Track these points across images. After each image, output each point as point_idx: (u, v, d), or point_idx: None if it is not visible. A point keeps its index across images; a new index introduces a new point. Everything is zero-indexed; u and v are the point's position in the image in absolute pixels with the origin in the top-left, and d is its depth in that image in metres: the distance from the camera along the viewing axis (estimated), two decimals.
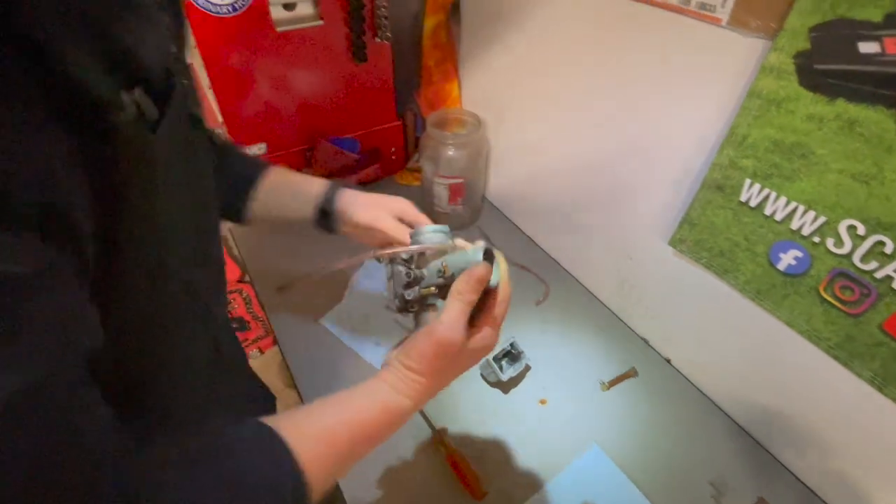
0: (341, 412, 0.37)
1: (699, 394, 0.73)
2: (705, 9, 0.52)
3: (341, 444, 0.36)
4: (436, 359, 0.39)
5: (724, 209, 0.58)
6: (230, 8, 0.78)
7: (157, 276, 0.34)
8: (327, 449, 0.35)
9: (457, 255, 0.43)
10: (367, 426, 0.37)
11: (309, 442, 0.33)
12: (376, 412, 0.38)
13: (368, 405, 0.38)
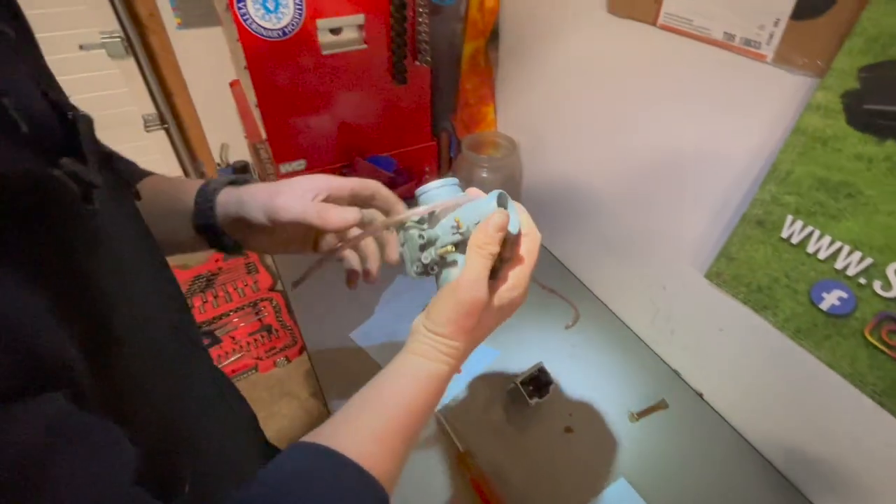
0: (385, 404, 0.36)
1: (732, 431, 0.71)
2: (750, 45, 0.52)
3: (396, 434, 0.34)
4: (462, 319, 0.37)
5: (765, 245, 0.57)
6: (280, 32, 0.82)
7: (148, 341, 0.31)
8: (387, 446, 0.33)
9: (469, 206, 0.40)
10: (414, 406, 0.36)
11: (368, 446, 0.32)
12: (419, 388, 0.36)
13: (408, 384, 0.37)
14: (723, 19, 0.53)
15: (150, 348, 0.32)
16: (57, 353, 0.20)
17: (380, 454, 0.32)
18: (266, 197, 0.42)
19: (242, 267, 2.00)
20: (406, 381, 0.36)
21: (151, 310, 0.34)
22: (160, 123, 1.97)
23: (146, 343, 0.31)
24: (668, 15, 0.59)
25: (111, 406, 0.25)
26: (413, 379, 0.37)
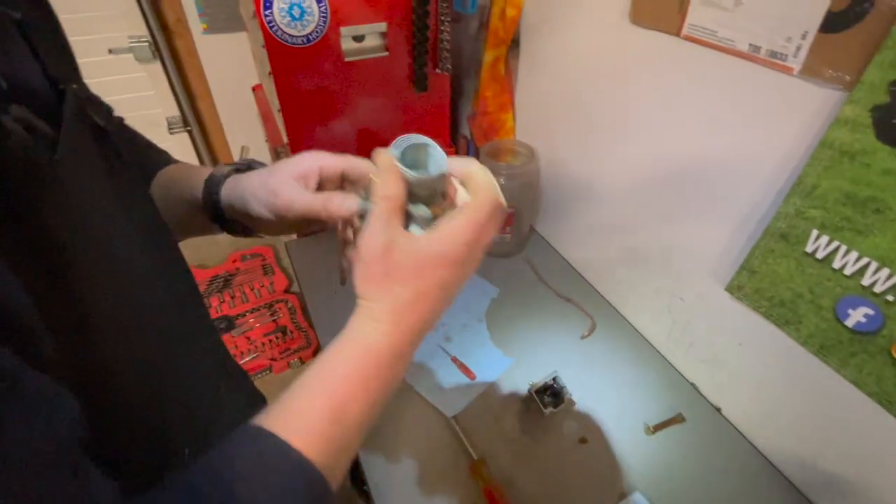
0: (321, 382, 0.32)
1: (751, 448, 0.70)
2: (776, 57, 0.51)
3: (335, 413, 0.31)
4: (365, 270, 0.34)
5: (788, 258, 0.56)
6: (305, 39, 0.83)
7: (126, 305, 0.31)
8: (325, 425, 0.30)
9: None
10: (353, 380, 0.32)
11: (303, 426, 0.30)
12: (354, 361, 0.33)
13: (343, 358, 0.33)
14: (748, 31, 0.53)
15: (133, 315, 0.32)
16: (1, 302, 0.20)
17: (314, 436, 0.30)
18: (266, 194, 0.42)
19: (259, 268, 2.03)
20: (341, 357, 0.33)
21: (140, 278, 0.34)
22: (183, 126, 2.02)
23: (127, 309, 0.31)
24: (693, 26, 0.59)
25: (78, 362, 0.25)
26: (348, 352, 0.33)
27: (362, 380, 0.32)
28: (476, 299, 0.91)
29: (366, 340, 0.33)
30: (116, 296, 0.30)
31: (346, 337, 0.34)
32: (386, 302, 0.33)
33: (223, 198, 0.46)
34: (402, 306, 0.34)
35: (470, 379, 0.77)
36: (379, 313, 0.33)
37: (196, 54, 1.89)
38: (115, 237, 0.32)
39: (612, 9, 0.70)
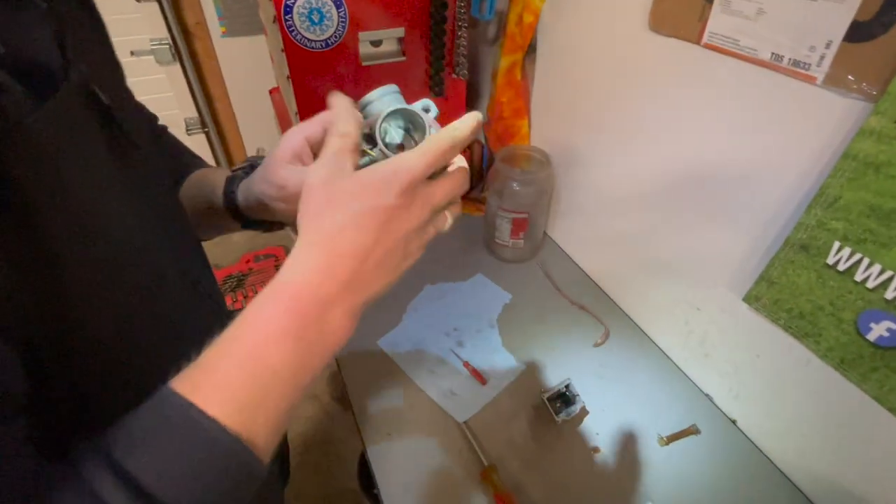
0: (235, 328, 0.29)
1: (767, 462, 0.68)
2: (799, 66, 0.51)
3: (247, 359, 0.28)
4: (310, 200, 0.31)
5: (808, 270, 0.55)
6: (324, 43, 0.84)
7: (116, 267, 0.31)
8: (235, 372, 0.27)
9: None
10: (270, 320, 0.29)
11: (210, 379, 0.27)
12: (272, 300, 0.29)
13: (263, 299, 0.30)
14: (771, 40, 0.53)
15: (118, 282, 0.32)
16: None
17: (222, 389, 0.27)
18: (270, 188, 0.41)
19: (272, 269, 2.05)
20: (258, 300, 0.30)
21: (149, 255, 0.35)
22: (201, 127, 2.05)
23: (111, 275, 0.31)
24: (713, 34, 0.58)
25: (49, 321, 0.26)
26: (263, 295, 0.30)
27: (280, 320, 0.29)
28: (488, 304, 0.91)
29: (287, 282, 0.30)
30: (99, 263, 0.30)
31: (278, 278, 0.30)
32: (315, 235, 0.31)
33: (241, 202, 0.46)
34: (335, 235, 0.30)
35: (481, 384, 0.77)
36: (307, 250, 0.31)
37: (214, 57, 1.92)
38: (105, 211, 0.31)
39: (630, 16, 0.70)
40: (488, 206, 0.98)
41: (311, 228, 0.31)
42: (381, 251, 0.31)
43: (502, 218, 0.94)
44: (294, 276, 0.30)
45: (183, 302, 0.41)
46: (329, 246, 0.30)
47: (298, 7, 0.78)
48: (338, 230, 0.30)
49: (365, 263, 0.31)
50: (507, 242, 0.97)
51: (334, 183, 0.31)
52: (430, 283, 0.95)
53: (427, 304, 0.91)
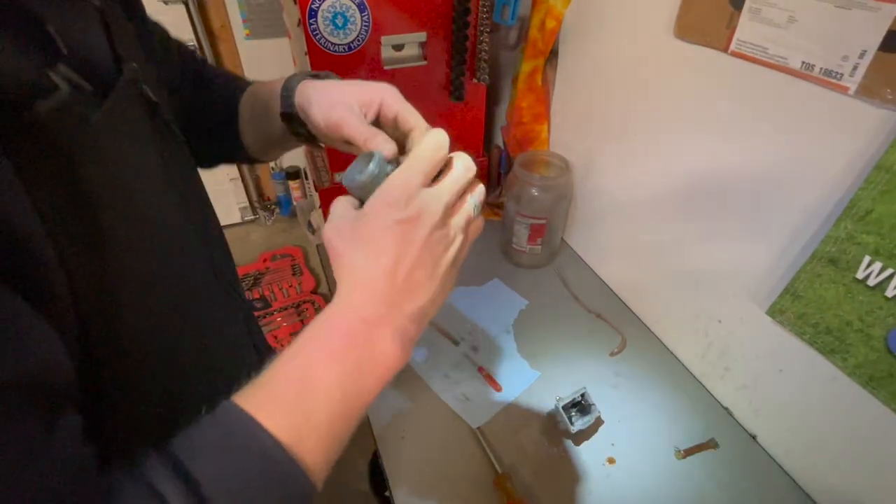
0: (290, 351, 0.30)
1: (789, 481, 0.67)
2: (831, 76, 0.50)
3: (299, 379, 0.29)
4: (335, 247, 0.33)
5: (836, 284, 0.54)
6: (347, 47, 0.85)
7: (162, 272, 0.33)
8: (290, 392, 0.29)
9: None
10: (319, 345, 0.30)
11: (268, 396, 0.28)
12: (320, 328, 0.31)
13: (313, 328, 0.31)
14: (802, 49, 0.52)
15: (177, 281, 0.34)
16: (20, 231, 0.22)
17: (278, 404, 0.28)
18: (327, 104, 0.41)
19: (288, 268, 2.07)
20: (308, 329, 0.31)
21: (173, 239, 0.36)
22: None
23: (171, 274, 0.33)
24: (741, 42, 0.58)
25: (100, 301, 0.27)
26: (312, 324, 0.31)
27: (329, 342, 0.30)
28: (504, 310, 0.91)
29: (332, 308, 0.32)
30: (144, 246, 0.32)
31: (324, 310, 0.32)
32: (348, 274, 0.32)
33: (296, 98, 0.45)
34: (362, 267, 0.32)
35: (496, 391, 0.77)
36: (346, 287, 0.32)
37: (238, 59, 1.96)
38: (151, 199, 0.33)
39: (655, 23, 0.70)
40: (506, 212, 0.98)
41: (342, 272, 0.33)
42: (407, 265, 0.32)
43: (520, 223, 0.94)
44: (338, 307, 0.32)
45: (207, 291, 0.42)
46: (360, 276, 0.32)
47: (323, 11, 0.79)
48: (362, 262, 0.32)
49: (395, 281, 0.32)
50: (524, 248, 0.97)
51: (346, 226, 0.33)
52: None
53: (442, 307, 0.90)
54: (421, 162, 0.33)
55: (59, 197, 0.25)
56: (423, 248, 0.32)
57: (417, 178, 0.32)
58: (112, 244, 0.28)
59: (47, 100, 0.24)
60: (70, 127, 0.25)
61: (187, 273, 0.38)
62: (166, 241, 0.35)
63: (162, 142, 0.37)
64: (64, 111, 0.25)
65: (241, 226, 2.40)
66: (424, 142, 0.34)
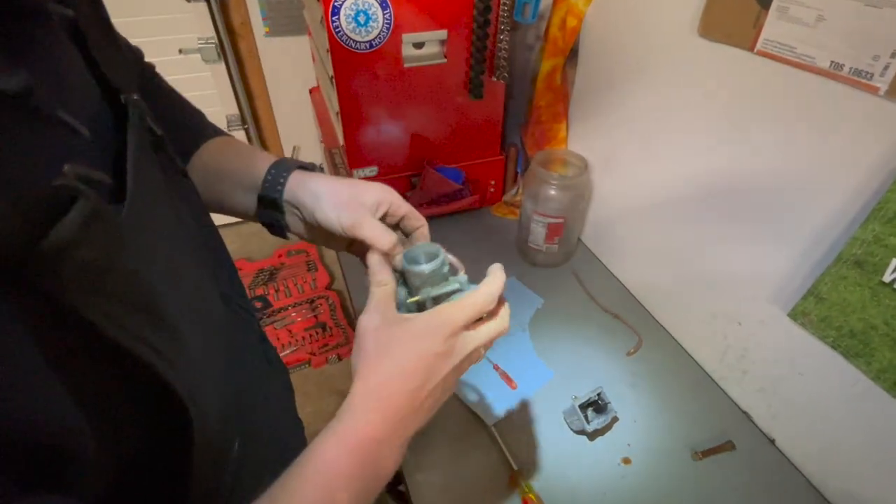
0: (312, 468, 0.32)
1: (807, 484, 0.66)
2: (861, 76, 0.49)
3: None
4: (363, 348, 0.35)
5: (862, 287, 0.53)
6: (368, 45, 0.86)
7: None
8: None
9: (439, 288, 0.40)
10: (341, 466, 0.32)
11: None
12: (341, 448, 0.32)
13: (332, 445, 0.32)
14: (830, 48, 0.51)
15: (205, 323, 0.34)
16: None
17: None
18: (346, 203, 0.42)
19: (304, 264, 2.09)
20: (326, 445, 0.33)
21: (201, 283, 0.36)
22: (241, 124, 2.11)
23: (200, 319, 0.32)
24: (768, 41, 0.57)
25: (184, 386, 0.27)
26: (330, 440, 0.33)
27: (344, 463, 0.32)
28: (521, 308, 0.91)
29: (347, 423, 0.33)
30: (195, 309, 0.32)
31: (338, 419, 0.33)
32: (370, 378, 0.34)
33: (287, 190, 0.45)
34: (387, 381, 0.34)
35: (511, 388, 0.77)
36: (364, 392, 0.34)
37: (257, 56, 1.98)
38: (179, 245, 0.33)
39: (679, 21, 0.69)
40: (523, 210, 0.98)
41: (366, 373, 0.34)
42: (426, 394, 0.35)
43: (537, 222, 0.94)
44: (354, 423, 0.33)
45: (220, 317, 0.42)
46: (384, 393, 0.34)
47: (346, 8, 0.80)
48: (389, 378, 0.34)
49: (412, 405, 0.34)
50: (540, 247, 0.97)
51: (385, 330, 0.35)
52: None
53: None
54: (475, 308, 0.37)
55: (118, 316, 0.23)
56: (444, 380, 0.36)
57: (465, 320, 0.36)
58: (177, 326, 0.28)
59: (65, 221, 0.20)
60: (99, 240, 0.22)
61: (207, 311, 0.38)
62: (195, 282, 0.35)
63: (168, 182, 0.34)
64: (90, 224, 0.21)
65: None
66: (485, 289, 0.38)
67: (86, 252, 0.21)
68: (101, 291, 0.22)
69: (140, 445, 0.27)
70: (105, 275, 0.23)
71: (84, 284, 0.21)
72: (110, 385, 0.25)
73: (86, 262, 0.21)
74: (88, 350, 0.23)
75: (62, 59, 0.26)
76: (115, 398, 0.25)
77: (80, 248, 0.21)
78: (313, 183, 0.44)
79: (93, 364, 0.23)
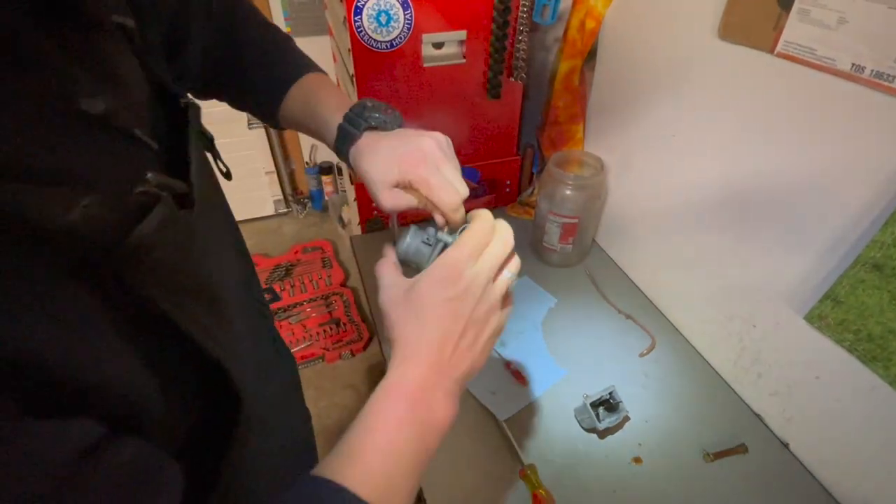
0: (366, 430, 0.33)
1: (820, 489, 0.65)
2: (882, 78, 0.49)
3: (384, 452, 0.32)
4: (389, 316, 0.37)
5: (881, 291, 0.53)
6: (389, 44, 0.87)
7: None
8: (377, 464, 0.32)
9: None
10: (391, 417, 0.33)
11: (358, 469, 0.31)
12: (387, 404, 0.34)
13: (380, 407, 0.34)
14: (852, 50, 0.51)
15: (243, 314, 0.37)
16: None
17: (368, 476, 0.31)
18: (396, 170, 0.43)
19: (319, 261, 2.12)
20: (378, 402, 0.35)
21: (241, 276, 0.40)
22: (261, 123, 2.14)
23: (241, 311, 0.36)
24: (788, 43, 0.57)
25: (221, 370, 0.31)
26: (378, 395, 0.35)
27: (396, 410, 0.34)
28: (534, 307, 0.91)
29: (390, 380, 0.35)
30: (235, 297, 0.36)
31: (384, 378, 0.36)
32: (399, 341, 0.36)
33: (353, 154, 0.46)
34: (415, 338, 0.36)
35: (522, 385, 0.78)
36: (399, 354, 0.36)
37: None
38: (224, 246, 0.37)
39: (699, 23, 0.69)
40: (538, 210, 0.99)
41: (396, 341, 0.36)
42: (454, 338, 0.36)
43: (552, 222, 0.94)
44: (395, 379, 0.35)
45: (249, 307, 0.46)
46: (412, 348, 0.36)
47: (368, 9, 0.82)
48: (414, 334, 0.36)
49: (443, 352, 0.36)
50: (555, 247, 0.97)
51: (399, 298, 0.37)
52: None
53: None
54: (469, 246, 0.37)
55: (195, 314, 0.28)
56: (468, 323, 0.36)
57: (465, 259, 0.36)
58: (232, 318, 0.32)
59: (146, 222, 0.24)
60: (173, 241, 0.26)
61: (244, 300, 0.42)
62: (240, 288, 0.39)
63: (210, 177, 0.38)
64: (166, 226, 0.25)
65: (275, 218, 2.47)
66: (473, 226, 0.38)
67: (160, 250, 0.25)
68: (172, 285, 0.26)
69: (196, 420, 0.31)
70: (176, 270, 0.27)
71: (159, 278, 0.26)
72: (175, 363, 0.28)
73: (161, 259, 0.25)
74: (157, 332, 0.27)
75: (129, 74, 0.29)
76: (179, 374, 0.29)
77: (156, 247, 0.25)
78: (364, 160, 0.45)
79: (160, 343, 0.27)
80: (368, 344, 1.79)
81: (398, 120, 0.49)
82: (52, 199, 0.21)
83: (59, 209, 0.21)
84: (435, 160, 0.42)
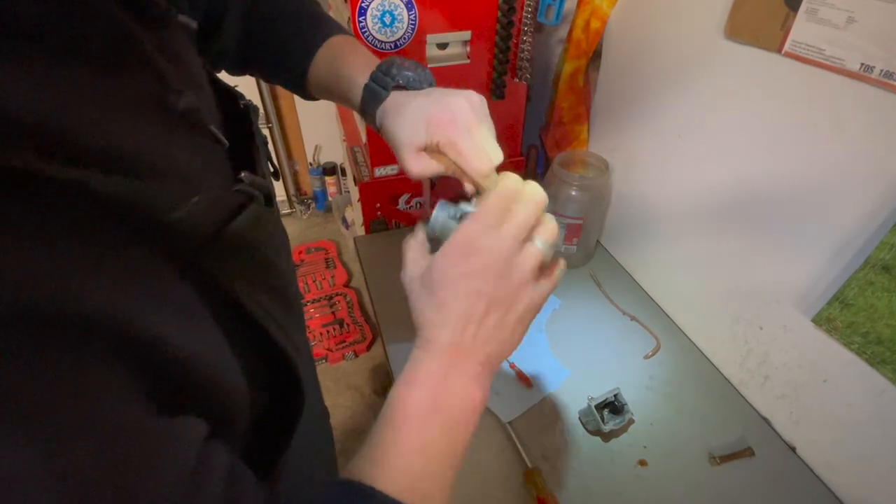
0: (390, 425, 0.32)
1: (828, 493, 0.65)
2: (891, 78, 0.48)
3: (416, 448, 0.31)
4: (414, 298, 0.35)
5: (890, 293, 0.52)
6: (393, 45, 0.87)
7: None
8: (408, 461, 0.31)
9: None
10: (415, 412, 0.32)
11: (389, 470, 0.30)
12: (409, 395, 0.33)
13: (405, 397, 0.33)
14: (861, 50, 0.50)
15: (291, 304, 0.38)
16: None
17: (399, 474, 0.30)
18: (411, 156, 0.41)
19: (322, 262, 2.12)
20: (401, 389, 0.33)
21: (292, 271, 0.41)
22: (266, 123, 2.15)
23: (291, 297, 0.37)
24: (796, 43, 0.56)
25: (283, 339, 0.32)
26: (407, 384, 0.33)
27: (420, 399, 0.32)
28: None
29: (413, 364, 0.34)
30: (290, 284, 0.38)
31: (408, 366, 0.34)
32: (419, 321, 0.34)
33: (379, 115, 0.44)
34: (433, 320, 0.33)
35: (526, 387, 0.77)
36: (420, 336, 0.34)
37: None
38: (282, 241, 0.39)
39: (705, 23, 0.69)
40: None
41: (418, 321, 0.35)
42: (476, 317, 0.33)
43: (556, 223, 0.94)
44: (415, 364, 0.34)
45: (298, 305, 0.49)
46: (433, 332, 0.33)
47: (372, 9, 0.82)
48: (433, 314, 0.33)
49: (465, 332, 0.33)
50: (559, 248, 0.97)
51: (418, 276, 0.35)
52: None
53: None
54: (486, 215, 0.33)
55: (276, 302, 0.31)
56: (491, 301, 0.33)
57: (481, 230, 0.32)
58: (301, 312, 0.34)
59: (240, 219, 0.26)
60: (262, 239, 0.29)
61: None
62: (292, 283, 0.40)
63: (267, 176, 0.40)
64: (258, 224, 0.28)
65: None
66: (491, 196, 0.33)
67: (251, 247, 0.27)
68: (257, 281, 0.28)
69: (263, 409, 0.31)
70: (263, 266, 0.28)
71: (242, 272, 0.27)
72: (254, 360, 0.29)
73: (250, 255, 0.27)
74: (237, 328, 0.27)
75: (199, 73, 0.29)
76: (258, 371, 0.30)
77: (247, 243, 0.26)
78: (391, 123, 0.42)
79: (241, 338, 0.28)
80: (372, 345, 1.79)
81: (429, 78, 0.45)
82: (165, 195, 0.22)
83: (169, 205, 0.22)
84: (466, 121, 0.38)
